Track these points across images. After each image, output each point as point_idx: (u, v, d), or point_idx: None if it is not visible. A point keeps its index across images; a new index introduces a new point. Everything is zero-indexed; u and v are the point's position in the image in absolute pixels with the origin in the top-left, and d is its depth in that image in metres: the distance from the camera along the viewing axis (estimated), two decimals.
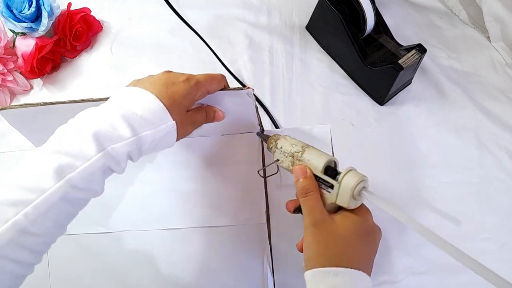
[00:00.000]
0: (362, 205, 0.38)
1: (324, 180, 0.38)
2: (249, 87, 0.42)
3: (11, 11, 0.59)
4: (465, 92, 0.67)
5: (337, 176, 0.37)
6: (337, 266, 0.33)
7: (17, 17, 0.59)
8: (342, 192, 0.36)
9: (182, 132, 0.37)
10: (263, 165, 0.48)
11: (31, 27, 0.60)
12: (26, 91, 0.63)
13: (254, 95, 0.62)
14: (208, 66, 0.67)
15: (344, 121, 0.63)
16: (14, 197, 0.28)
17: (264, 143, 0.47)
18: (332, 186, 0.37)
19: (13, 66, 0.61)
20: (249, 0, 0.75)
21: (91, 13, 0.67)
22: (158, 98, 0.34)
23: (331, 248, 0.35)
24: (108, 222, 0.49)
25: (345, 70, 0.68)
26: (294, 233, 0.45)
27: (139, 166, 0.38)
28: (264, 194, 0.47)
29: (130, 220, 0.49)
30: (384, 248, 0.54)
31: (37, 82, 0.64)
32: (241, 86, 0.42)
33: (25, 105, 0.42)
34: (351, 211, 0.37)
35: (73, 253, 0.49)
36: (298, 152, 0.40)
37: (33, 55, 0.59)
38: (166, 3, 0.72)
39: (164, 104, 0.34)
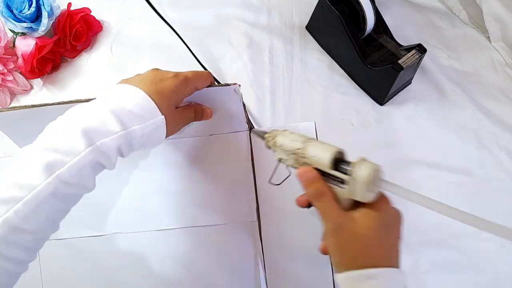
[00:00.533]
0: (380, 195, 0.35)
1: (335, 176, 0.34)
2: (235, 83, 0.41)
3: (11, 11, 0.59)
4: (465, 92, 0.67)
5: (348, 169, 0.34)
6: (367, 267, 0.32)
7: (17, 17, 0.59)
8: (356, 186, 0.33)
9: (172, 128, 0.37)
10: (252, 163, 0.48)
11: (31, 27, 0.60)
12: (26, 91, 0.63)
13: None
14: (208, 66, 0.67)
15: (344, 121, 0.63)
16: (4, 194, 0.28)
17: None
18: (344, 181, 0.34)
19: (13, 66, 0.61)
20: (249, 0, 0.75)
21: (91, 13, 0.67)
22: (147, 93, 0.35)
23: (357, 252, 0.33)
24: (99, 225, 0.49)
25: (345, 70, 0.68)
26: (284, 229, 0.47)
27: (128, 168, 0.38)
28: (254, 192, 0.48)
29: (121, 222, 0.49)
30: None
31: (37, 82, 0.64)
32: (228, 83, 0.42)
33: (13, 108, 0.42)
34: (371, 205, 0.34)
35: (65, 258, 0.49)
36: (300, 149, 0.36)
37: (33, 55, 0.59)
38: (147, 2, 0.70)
39: (153, 99, 0.35)
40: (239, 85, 0.42)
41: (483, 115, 0.65)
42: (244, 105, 0.44)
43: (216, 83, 0.61)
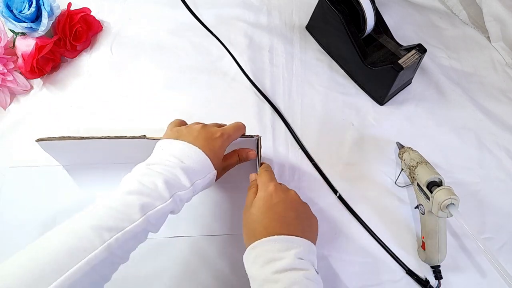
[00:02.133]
0: (267, 183, 0.44)
1: (425, 192, 0.49)
2: (257, 135, 0.50)
3: (11, 11, 0.59)
4: (465, 92, 0.67)
5: (433, 191, 0.47)
6: (254, 240, 0.39)
7: (17, 17, 0.59)
8: (434, 204, 0.47)
9: (218, 176, 0.45)
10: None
11: (31, 27, 0.60)
12: (26, 91, 0.63)
13: (284, 122, 0.62)
14: (208, 66, 0.67)
15: (344, 121, 0.63)
16: (111, 224, 0.34)
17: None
18: (429, 198, 0.48)
19: (13, 66, 0.61)
20: (249, 0, 0.75)
21: (91, 13, 0.67)
22: (203, 152, 0.42)
23: (246, 227, 0.42)
24: None
25: (345, 70, 0.68)
26: None
27: None
28: None
29: None
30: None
31: (37, 82, 0.64)
32: (251, 134, 0.50)
33: (63, 138, 0.48)
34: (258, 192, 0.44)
35: None
36: (413, 167, 0.52)
37: (33, 55, 0.59)
38: (183, 2, 0.72)
39: (208, 157, 0.42)
40: (260, 137, 0.51)
41: (483, 115, 0.65)
42: (259, 150, 0.51)
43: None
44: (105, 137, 0.48)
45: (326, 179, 0.58)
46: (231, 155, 0.48)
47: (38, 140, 0.48)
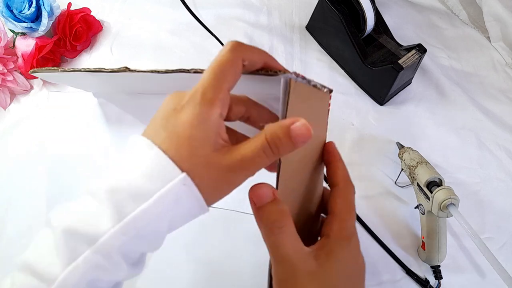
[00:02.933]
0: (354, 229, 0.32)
1: (425, 192, 0.49)
2: (286, 71, 0.26)
3: (11, 11, 0.59)
4: (465, 92, 0.67)
5: (433, 191, 0.47)
6: None
7: (17, 17, 0.59)
8: (434, 204, 0.47)
9: (215, 186, 0.23)
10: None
11: (31, 27, 0.60)
12: (26, 91, 0.63)
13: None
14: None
15: (344, 121, 0.63)
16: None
17: None
18: (429, 198, 0.48)
19: (13, 66, 0.61)
20: (249, 0, 0.75)
21: (91, 13, 0.67)
22: (155, 144, 0.22)
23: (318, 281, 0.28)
24: None
25: (345, 70, 0.68)
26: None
27: None
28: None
29: None
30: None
31: (37, 82, 0.64)
32: (275, 70, 0.26)
33: (55, 70, 0.48)
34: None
35: None
36: (413, 167, 0.52)
37: (33, 55, 0.59)
38: (182, 3, 0.72)
39: (163, 150, 0.22)
40: (297, 74, 0.27)
41: (483, 115, 0.65)
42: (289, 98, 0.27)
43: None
44: (85, 70, 0.44)
45: (326, 179, 0.58)
46: (252, 139, 0.25)
47: (32, 72, 0.49)
